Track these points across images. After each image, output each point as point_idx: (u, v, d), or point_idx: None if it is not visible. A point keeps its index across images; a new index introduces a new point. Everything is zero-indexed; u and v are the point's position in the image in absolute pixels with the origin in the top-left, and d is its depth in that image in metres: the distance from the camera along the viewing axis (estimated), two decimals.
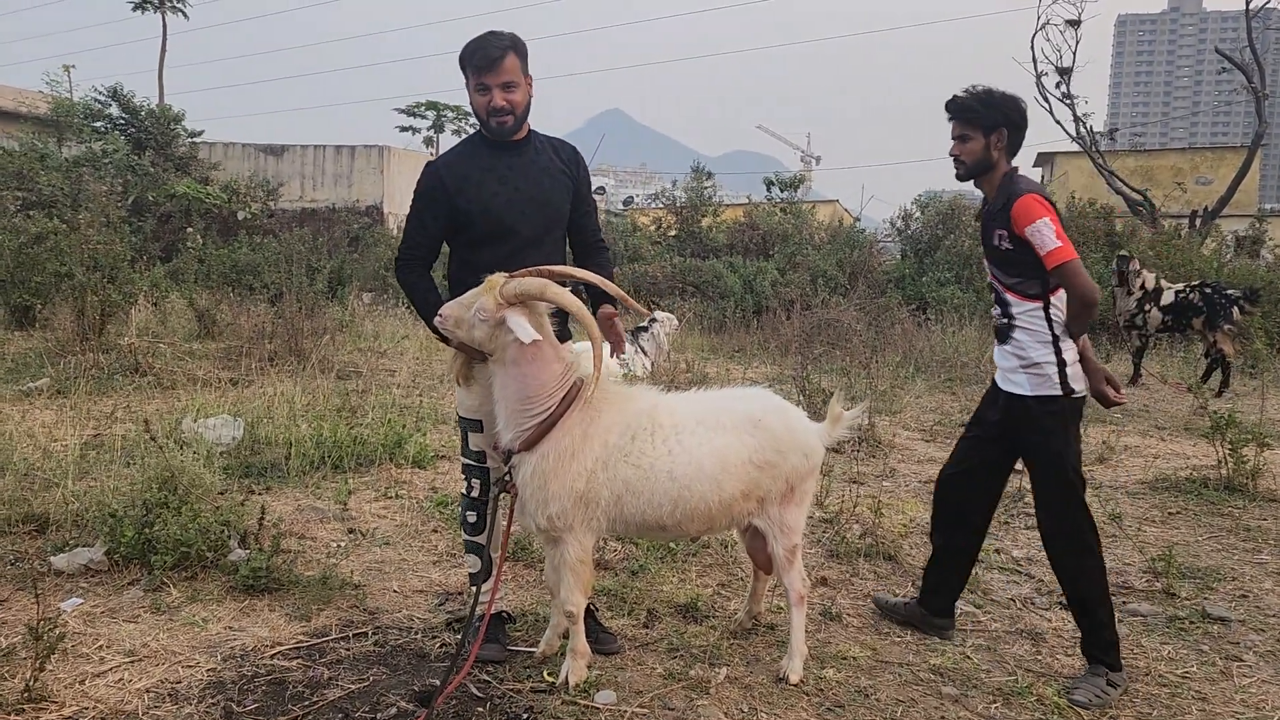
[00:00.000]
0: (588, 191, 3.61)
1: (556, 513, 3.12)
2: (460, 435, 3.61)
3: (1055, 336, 3.50)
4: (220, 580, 4.02)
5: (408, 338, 11.35)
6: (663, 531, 3.29)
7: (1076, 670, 3.56)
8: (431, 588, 4.15)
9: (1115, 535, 5.18)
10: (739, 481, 3.19)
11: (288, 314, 9.78)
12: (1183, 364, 12.60)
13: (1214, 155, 35.40)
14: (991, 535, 5.13)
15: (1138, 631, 3.95)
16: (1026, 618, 4.09)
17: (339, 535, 4.67)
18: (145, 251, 15.92)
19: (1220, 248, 17.14)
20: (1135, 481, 6.42)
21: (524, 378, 3.14)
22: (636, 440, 3.14)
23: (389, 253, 17.31)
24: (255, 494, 5.15)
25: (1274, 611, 4.16)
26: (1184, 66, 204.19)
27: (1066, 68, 24.55)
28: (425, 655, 3.50)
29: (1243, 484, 6.01)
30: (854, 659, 3.59)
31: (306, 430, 5.83)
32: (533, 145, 3.48)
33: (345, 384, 7.84)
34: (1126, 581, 4.53)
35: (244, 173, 23.22)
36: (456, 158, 3.46)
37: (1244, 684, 3.50)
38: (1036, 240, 3.40)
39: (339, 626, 3.68)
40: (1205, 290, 10.69)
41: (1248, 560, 4.86)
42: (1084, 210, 18.67)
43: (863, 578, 4.46)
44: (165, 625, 3.64)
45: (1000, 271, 3.61)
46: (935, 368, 10.90)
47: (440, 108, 35.23)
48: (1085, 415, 3.70)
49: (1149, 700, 3.36)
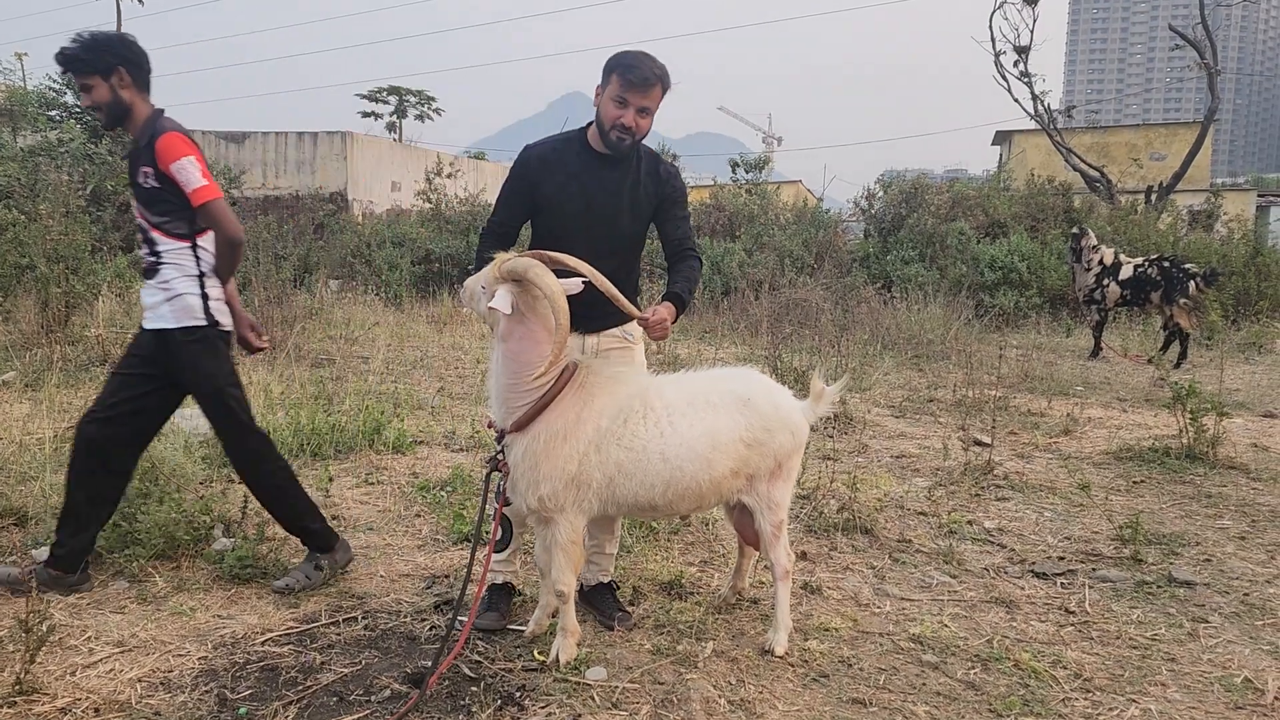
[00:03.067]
0: (678, 205, 3.65)
1: (548, 494, 3.17)
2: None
3: (202, 274, 3.63)
4: (205, 569, 4.03)
5: (379, 324, 11.31)
6: (653, 511, 3.35)
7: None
8: (418, 571, 4.18)
9: (1083, 504, 5.33)
10: (729, 460, 3.26)
11: (256, 302, 9.71)
12: (1142, 337, 12.88)
13: (1167, 131, 36.09)
14: (964, 508, 5.26)
15: (1108, 597, 4.08)
16: (1000, 586, 4.20)
17: None
18: (106, 242, 15.66)
19: (1176, 223, 17.47)
20: (1100, 452, 6.58)
21: (514, 356, 3.18)
22: (629, 423, 3.19)
23: (355, 240, 17.20)
24: (235, 483, 5.13)
25: (1237, 575, 4.31)
26: (1137, 43, 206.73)
27: (1024, 46, 24.80)
28: (415, 638, 3.54)
29: (1203, 452, 6.19)
30: (836, 630, 3.68)
31: (284, 418, 5.82)
32: (630, 162, 3.52)
33: (320, 371, 7.81)
34: (1095, 549, 4.66)
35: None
36: (551, 150, 3.52)
37: (1210, 644, 3.63)
38: (181, 178, 3.47)
39: (328, 612, 3.71)
40: (1163, 265, 10.92)
41: (1210, 526, 5.01)
42: (1042, 187, 18.96)
43: (841, 551, 4.56)
44: (152, 615, 3.65)
45: (148, 210, 3.63)
46: (902, 345, 11.06)
47: (403, 93, 34.86)
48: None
49: (1120, 662, 3.48)
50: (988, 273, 14.59)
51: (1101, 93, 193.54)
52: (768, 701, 3.12)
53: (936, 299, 13.34)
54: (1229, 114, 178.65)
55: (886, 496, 5.39)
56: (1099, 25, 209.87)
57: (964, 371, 9.39)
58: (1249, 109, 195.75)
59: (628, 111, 3.36)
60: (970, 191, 18.22)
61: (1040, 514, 5.20)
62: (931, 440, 6.89)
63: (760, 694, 3.17)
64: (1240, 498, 5.47)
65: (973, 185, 20.19)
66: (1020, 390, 8.78)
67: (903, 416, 7.85)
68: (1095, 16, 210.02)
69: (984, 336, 12.50)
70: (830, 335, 10.24)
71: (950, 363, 10.37)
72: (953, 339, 11.54)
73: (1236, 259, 14.76)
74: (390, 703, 3.06)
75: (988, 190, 18.26)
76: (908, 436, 7.08)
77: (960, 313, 12.71)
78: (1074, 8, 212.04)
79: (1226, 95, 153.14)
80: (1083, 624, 3.81)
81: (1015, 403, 8.12)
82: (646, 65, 3.34)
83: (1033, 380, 9.25)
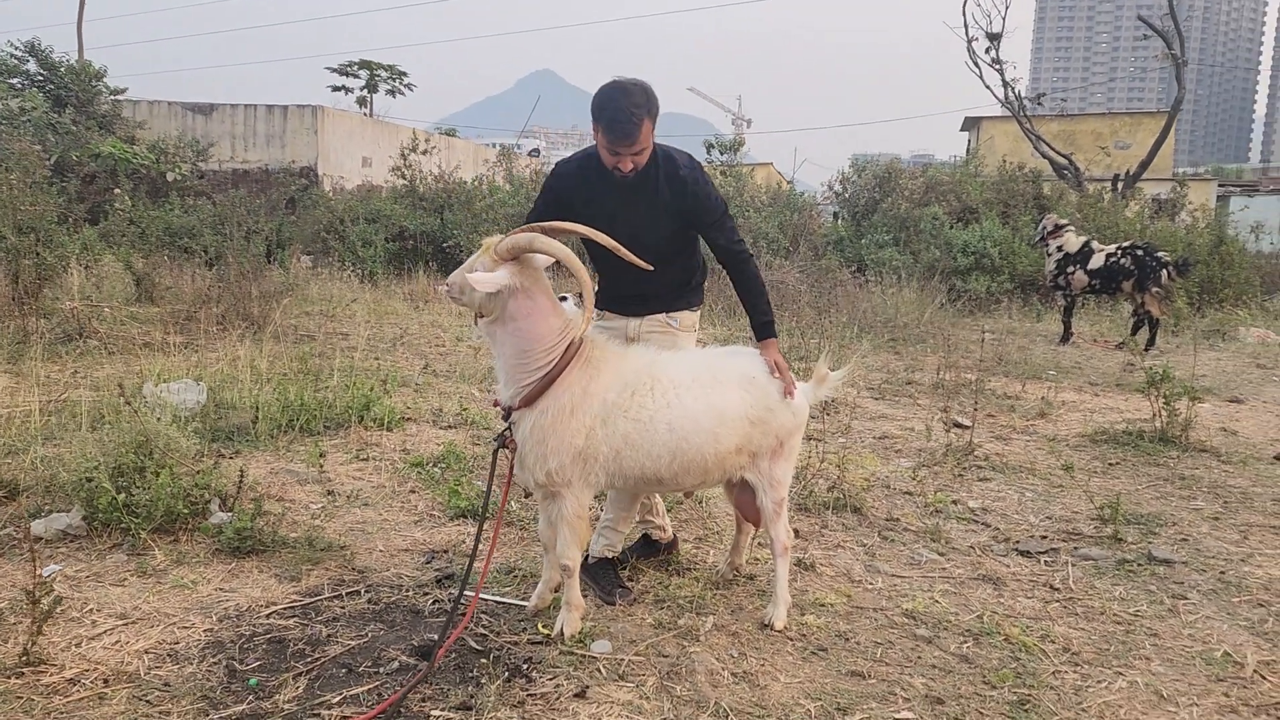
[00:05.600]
0: (706, 211, 3.59)
1: (555, 468, 3.21)
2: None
3: None
4: (204, 543, 4.03)
5: (356, 301, 11.24)
6: (659, 485, 3.40)
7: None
8: (416, 547, 4.21)
9: (1063, 485, 5.46)
10: (734, 436, 3.32)
11: (231, 278, 9.62)
12: (1110, 323, 13.12)
13: (1132, 120, 36.71)
14: (948, 488, 5.37)
15: (1090, 574, 4.20)
16: (987, 564, 4.31)
17: (317, 497, 4.70)
18: (70, 213, 15.41)
19: (1144, 211, 17.75)
20: (1075, 435, 6.73)
21: (521, 332, 3.21)
22: (636, 395, 3.24)
23: (328, 215, 17.03)
24: (226, 457, 5.13)
25: (1213, 553, 4.45)
26: (1102, 33, 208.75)
27: (996, 33, 25.01)
28: (419, 611, 3.57)
29: (1176, 436, 6.35)
30: (831, 605, 3.77)
31: (272, 394, 5.80)
32: (646, 178, 3.51)
33: (302, 348, 7.78)
34: (1076, 528, 4.78)
35: (171, 132, 22.49)
36: (577, 170, 3.58)
37: (1190, 620, 3.76)
38: None
39: (331, 586, 3.73)
40: (1136, 253, 11.11)
41: (1185, 507, 5.16)
42: (1014, 174, 19.16)
43: (832, 529, 4.65)
44: (154, 588, 3.65)
45: None
46: (879, 328, 11.18)
47: (374, 67, 34.40)
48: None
49: (1106, 637, 3.59)
50: (960, 258, 14.76)
51: (1067, 81, 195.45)
52: (769, 674, 3.19)
53: (910, 283, 13.49)
54: (1190, 105, 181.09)
55: (873, 476, 5.49)
56: (1065, 14, 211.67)
57: (940, 355, 9.54)
58: (1209, 100, 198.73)
59: (622, 159, 3.39)
60: (944, 176, 18.39)
61: (1022, 494, 5.32)
62: (912, 422, 7.00)
63: (762, 666, 3.24)
64: (1212, 480, 5.63)
65: (945, 170, 20.34)
66: (995, 374, 8.93)
67: (882, 399, 7.96)
68: (1062, 5, 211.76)
69: (957, 321, 12.68)
70: (809, 318, 10.33)
71: (926, 346, 10.51)
72: (927, 322, 11.70)
73: (1201, 248, 15.05)
74: (399, 674, 3.09)
75: (960, 176, 18.41)
76: (889, 418, 7.19)
77: (934, 297, 12.86)
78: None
79: (1188, 86, 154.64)
80: (1068, 600, 3.92)
81: (991, 386, 8.26)
82: (625, 115, 3.29)
83: (1007, 364, 9.41)
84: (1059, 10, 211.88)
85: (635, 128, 3.31)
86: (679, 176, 3.54)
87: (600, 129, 3.40)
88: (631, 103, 3.33)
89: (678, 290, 3.77)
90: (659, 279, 3.55)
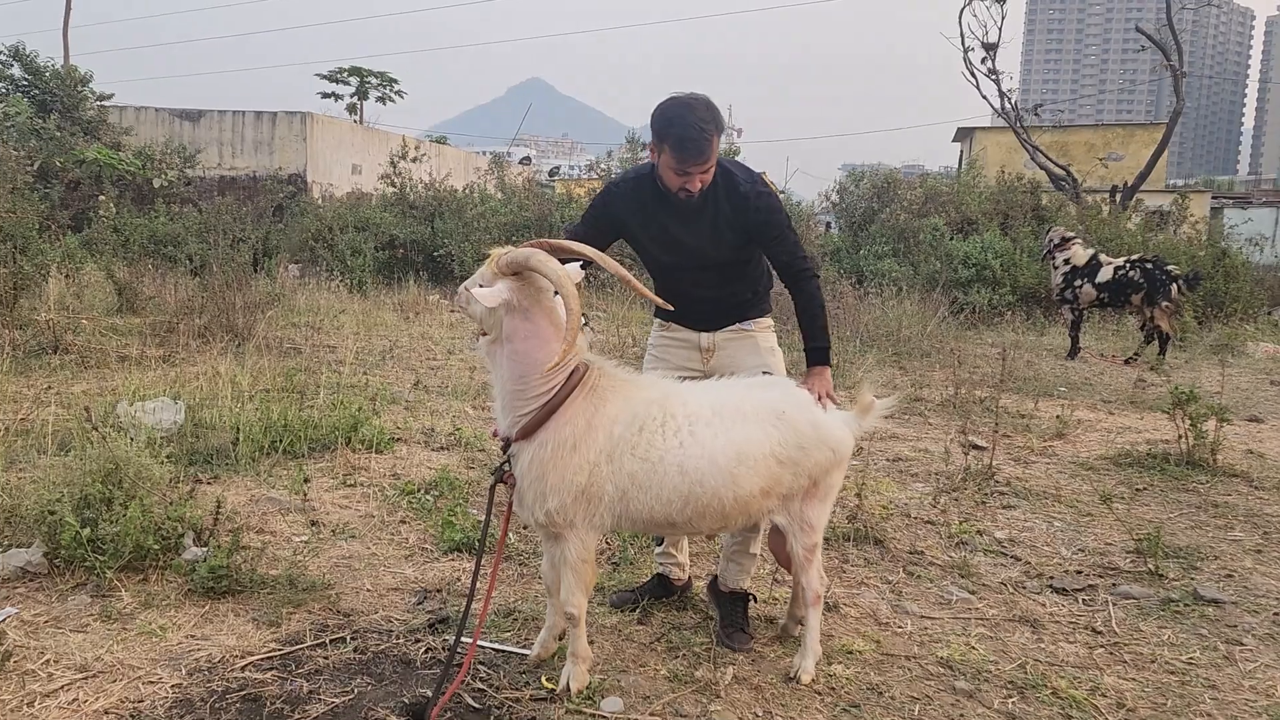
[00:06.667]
0: (766, 229, 3.37)
1: (555, 507, 2.90)
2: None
3: None
4: (176, 582, 3.70)
5: (345, 312, 10.91)
6: (673, 529, 3.10)
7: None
8: (407, 585, 3.88)
9: (1092, 514, 5.17)
10: (758, 477, 3.00)
11: (215, 287, 9.28)
12: (1116, 338, 12.87)
13: (1125, 132, 36.86)
14: (971, 517, 5.07)
15: (1134, 615, 3.90)
16: (1021, 603, 4.01)
17: (300, 529, 4.36)
18: (53, 220, 15.04)
19: (1146, 223, 17.55)
20: (1097, 457, 6.44)
21: (518, 355, 2.90)
22: (645, 432, 2.92)
23: (316, 223, 16.69)
24: (203, 483, 4.80)
25: (1262, 592, 4.16)
26: (1092, 45, 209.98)
27: (992, 43, 24.88)
28: (410, 661, 3.25)
29: (1204, 459, 6.07)
30: (859, 653, 3.46)
31: (254, 413, 5.47)
32: (705, 197, 3.30)
33: (287, 362, 7.45)
34: (1111, 562, 4.49)
35: (158, 138, 22.14)
36: (634, 190, 3.39)
37: (1249, 669, 3.47)
38: None
39: (313, 632, 3.40)
40: (1145, 266, 10.85)
41: (1222, 538, 4.87)
42: (1012, 185, 18.95)
43: (854, 564, 4.34)
44: (119, 635, 3.32)
45: None
46: (882, 341, 10.89)
47: (364, 74, 34.05)
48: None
49: (1161, 690, 3.29)
50: (961, 269, 14.50)
51: (1057, 93, 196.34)
52: None
53: (911, 295, 13.21)
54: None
55: (891, 504, 5.18)
56: (1055, 27, 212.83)
57: (949, 371, 9.27)
58: (1198, 112, 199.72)
59: (691, 180, 3.19)
60: (943, 187, 18.16)
61: (1050, 524, 5.02)
62: (924, 442, 6.71)
63: None
64: (1248, 508, 5.35)
65: (945, 181, 20.14)
66: (1006, 391, 8.65)
67: (891, 417, 7.65)
68: (1052, 18, 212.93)
69: (960, 334, 12.41)
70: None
71: (931, 361, 10.23)
72: (930, 336, 11.42)
73: (1204, 261, 14.83)
74: None
75: (959, 186, 18.18)
76: (900, 438, 6.90)
77: (936, 310, 12.59)
78: (1031, 9, 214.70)
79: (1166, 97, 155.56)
80: (1113, 646, 3.63)
81: (1003, 404, 7.97)
82: (695, 130, 3.11)
83: (1017, 381, 9.13)
84: (1048, 23, 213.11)
85: (706, 144, 3.12)
86: (739, 192, 3.31)
87: (668, 148, 3.16)
88: (699, 118, 3.13)
89: (747, 303, 3.58)
90: (725, 294, 3.43)
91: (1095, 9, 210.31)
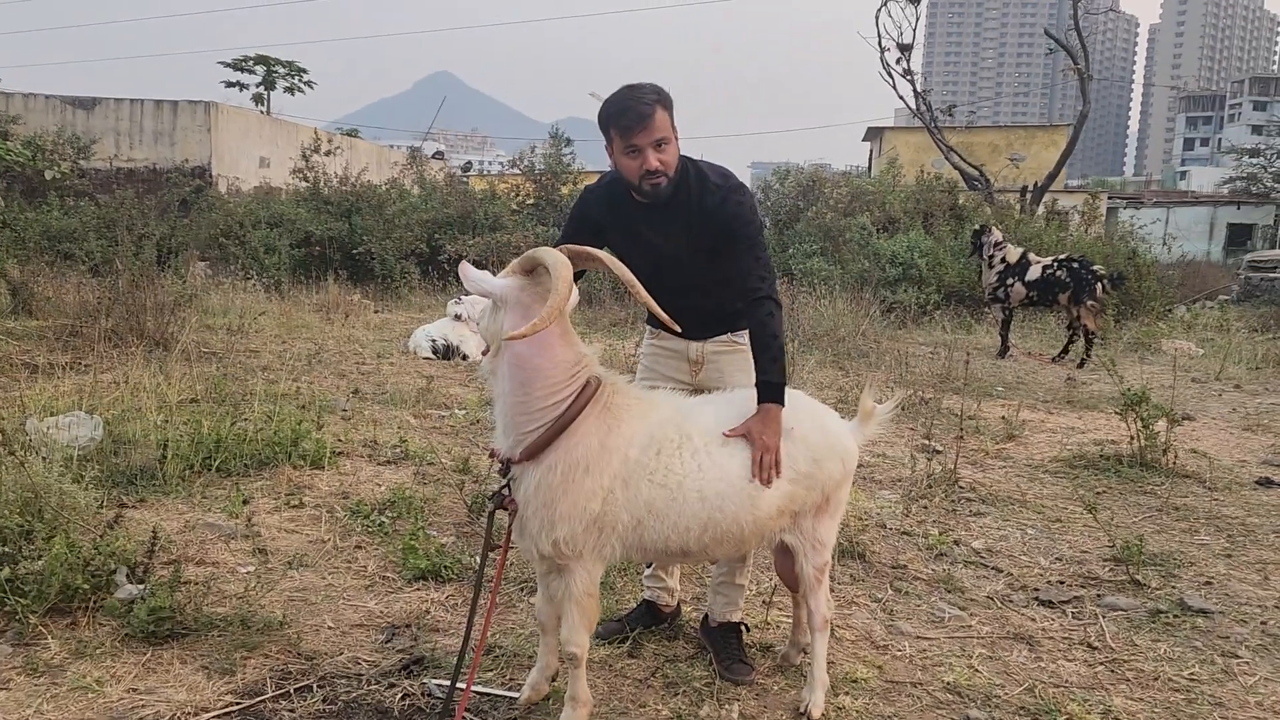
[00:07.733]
0: (734, 240, 3.06)
1: (564, 537, 2.63)
2: None
3: None
4: (110, 626, 3.30)
5: (264, 314, 10.35)
6: (685, 557, 2.87)
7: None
8: (372, 620, 3.55)
9: (1061, 520, 5.12)
10: (775, 498, 2.79)
11: (121, 287, 8.65)
12: (1040, 336, 13.10)
13: (1026, 134, 38.23)
14: (945, 527, 4.97)
15: (1125, 629, 3.82)
16: (1012, 619, 3.89)
17: (246, 558, 3.97)
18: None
19: (1063, 223, 18.00)
20: (1051, 459, 6.44)
21: (523, 364, 2.63)
22: (662, 455, 2.68)
23: (225, 219, 15.91)
24: (129, 508, 4.36)
25: (1244, 600, 4.13)
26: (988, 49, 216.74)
27: (907, 44, 25.31)
28: (387, 710, 2.94)
29: (1156, 460, 6.10)
30: (864, 681, 3.28)
31: (182, 427, 5.03)
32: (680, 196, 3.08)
33: (206, 368, 6.96)
34: (1091, 571, 4.42)
35: (49, 128, 20.87)
36: (606, 192, 3.21)
37: (1249, 684, 3.40)
38: None
39: (274, 680, 3.06)
40: (1072, 266, 11.04)
41: (1190, 542, 4.86)
42: (932, 184, 19.23)
43: (840, 582, 4.16)
44: (47, 691, 2.93)
45: None
46: (820, 341, 10.83)
47: (271, 62, 32.75)
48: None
49: (1170, 709, 3.20)
50: (889, 268, 14.60)
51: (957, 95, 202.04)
52: None
53: (840, 294, 13.22)
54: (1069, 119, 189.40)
55: (865, 514, 5.04)
56: (954, 31, 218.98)
57: (888, 372, 9.25)
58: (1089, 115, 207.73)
59: (646, 154, 2.94)
60: (869, 186, 18.30)
61: (1023, 531, 4.95)
62: (880, 446, 6.61)
63: None
64: (1207, 510, 5.37)
65: (869, 180, 20.33)
66: (945, 391, 8.65)
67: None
68: (950, 22, 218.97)
69: (892, 334, 12.46)
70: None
71: (870, 361, 10.20)
72: (864, 336, 11.41)
73: (1118, 259, 15.25)
74: None
75: (881, 185, 18.35)
76: None
77: (867, 309, 12.61)
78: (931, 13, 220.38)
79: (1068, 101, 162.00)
80: (1112, 662, 3.53)
81: (947, 405, 7.96)
82: (636, 100, 2.92)
83: (957, 381, 9.14)
84: (947, 26, 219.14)
85: (649, 110, 2.90)
86: (711, 190, 3.08)
87: (614, 130, 2.94)
88: (639, 92, 2.95)
89: (737, 313, 3.25)
90: (711, 303, 3.21)
91: (991, 14, 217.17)
